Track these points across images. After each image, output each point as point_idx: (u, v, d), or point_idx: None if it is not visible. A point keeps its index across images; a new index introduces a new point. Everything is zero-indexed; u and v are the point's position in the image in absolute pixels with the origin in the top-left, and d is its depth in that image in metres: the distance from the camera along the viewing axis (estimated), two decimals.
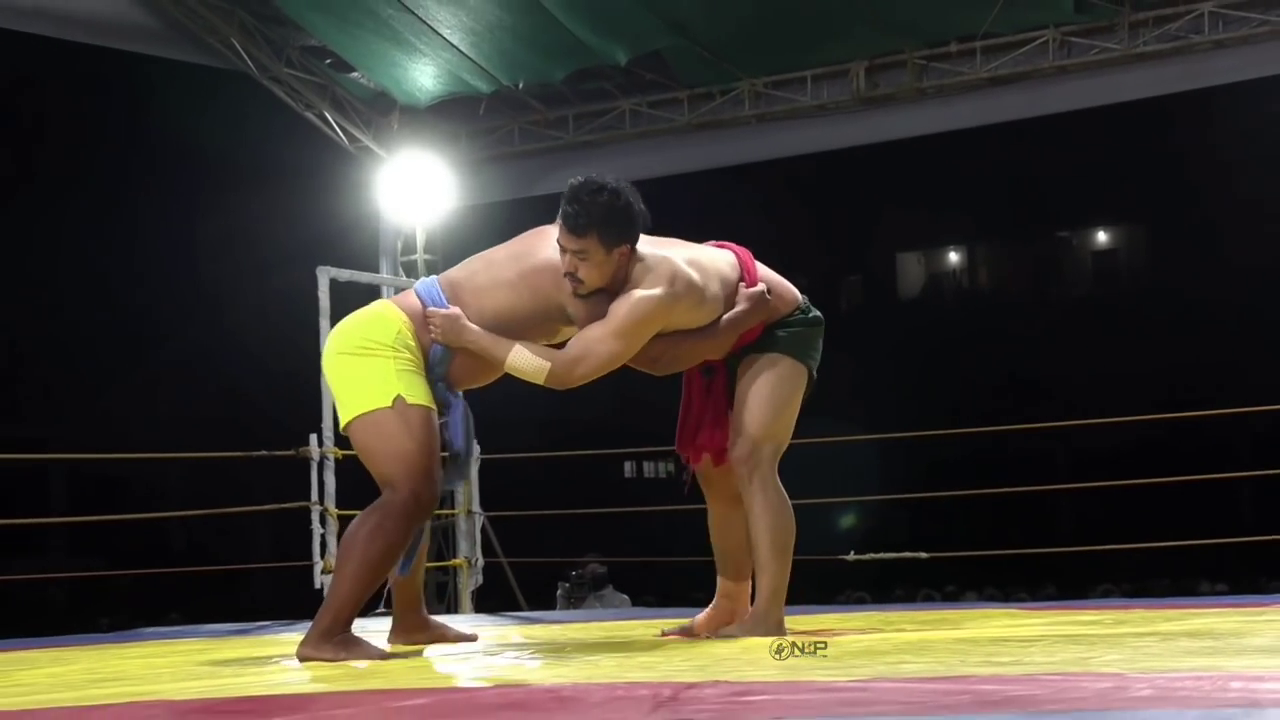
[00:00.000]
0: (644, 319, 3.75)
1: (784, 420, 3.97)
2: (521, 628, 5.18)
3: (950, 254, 28.89)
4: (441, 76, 9.41)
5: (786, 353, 3.97)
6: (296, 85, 9.49)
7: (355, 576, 3.66)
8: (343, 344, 3.80)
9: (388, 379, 3.71)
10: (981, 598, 14.21)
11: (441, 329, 3.75)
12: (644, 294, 3.75)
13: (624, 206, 3.76)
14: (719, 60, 9.10)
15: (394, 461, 3.69)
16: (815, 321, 4.05)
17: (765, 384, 3.94)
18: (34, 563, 18.58)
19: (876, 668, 2.94)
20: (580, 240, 3.71)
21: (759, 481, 3.92)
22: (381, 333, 3.76)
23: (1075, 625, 4.01)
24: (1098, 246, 27.76)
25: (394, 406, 3.69)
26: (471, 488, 7.66)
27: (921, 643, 3.56)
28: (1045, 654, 3.16)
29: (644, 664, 3.22)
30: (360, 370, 3.74)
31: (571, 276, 3.74)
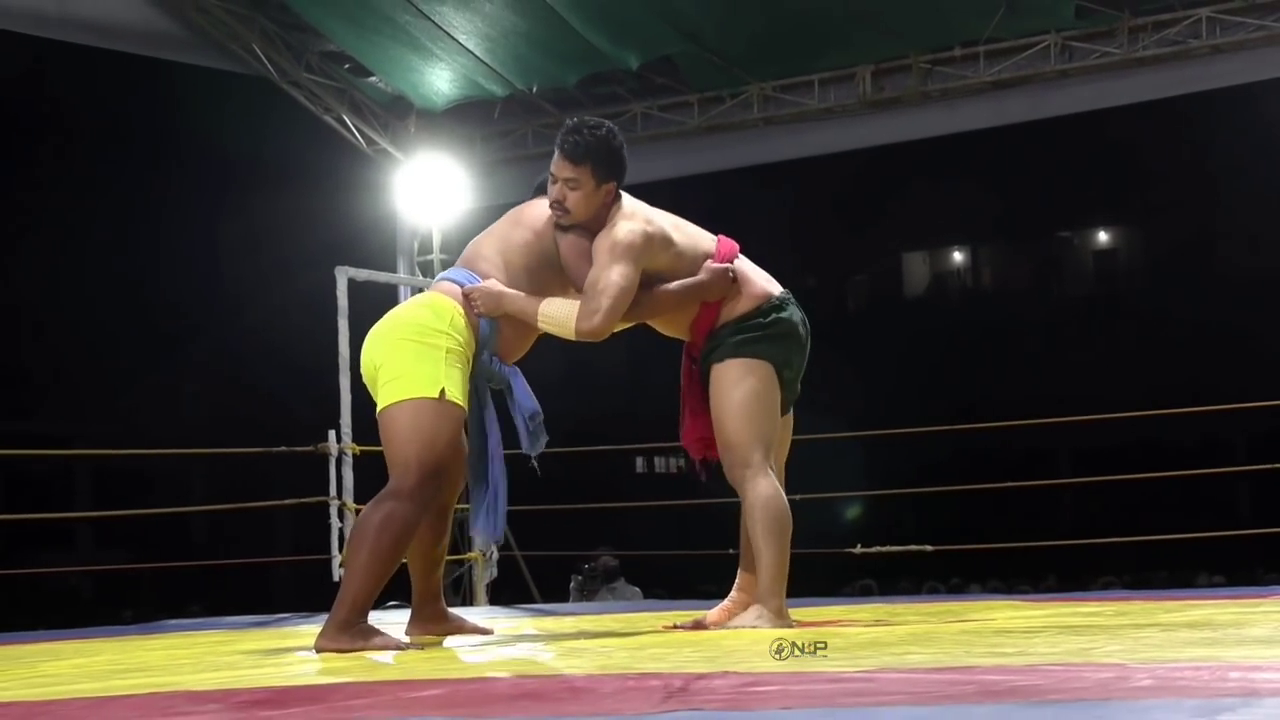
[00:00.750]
0: (632, 246, 3.85)
1: (761, 418, 3.98)
2: (535, 620, 5.18)
3: (954, 254, 28.86)
4: (457, 81, 9.41)
5: (737, 355, 3.99)
6: (316, 90, 9.49)
7: (368, 567, 3.65)
8: (402, 330, 3.82)
9: (437, 370, 3.73)
10: (985, 590, 14.19)
11: (482, 301, 3.82)
12: (625, 226, 3.88)
13: (618, 146, 3.93)
14: (729, 65, 9.10)
15: (418, 449, 3.69)
16: (771, 324, 4.03)
17: (728, 391, 3.98)
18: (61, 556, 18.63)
19: (882, 658, 2.93)
20: (575, 168, 3.86)
21: (748, 480, 3.96)
22: (437, 320, 3.79)
23: (1077, 617, 4.00)
24: (1098, 246, 27.72)
25: (439, 399, 3.70)
26: None
27: (927, 634, 3.55)
28: (1048, 645, 3.14)
29: (655, 655, 3.22)
30: (414, 357, 3.76)
31: (559, 205, 3.88)
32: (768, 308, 4.04)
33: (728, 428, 3.96)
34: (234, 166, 20.65)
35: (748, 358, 3.98)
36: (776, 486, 3.97)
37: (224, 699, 2.67)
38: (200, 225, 21.52)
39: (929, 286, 28.81)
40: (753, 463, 3.94)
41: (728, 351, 3.99)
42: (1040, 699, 2.24)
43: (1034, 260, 27.35)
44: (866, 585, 14.88)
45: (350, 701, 2.55)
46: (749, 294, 4.04)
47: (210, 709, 2.55)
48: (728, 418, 3.95)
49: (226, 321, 20.79)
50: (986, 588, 14.77)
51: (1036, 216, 25.54)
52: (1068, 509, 20.40)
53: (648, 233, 3.88)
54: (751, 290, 4.05)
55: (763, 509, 3.94)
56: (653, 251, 3.90)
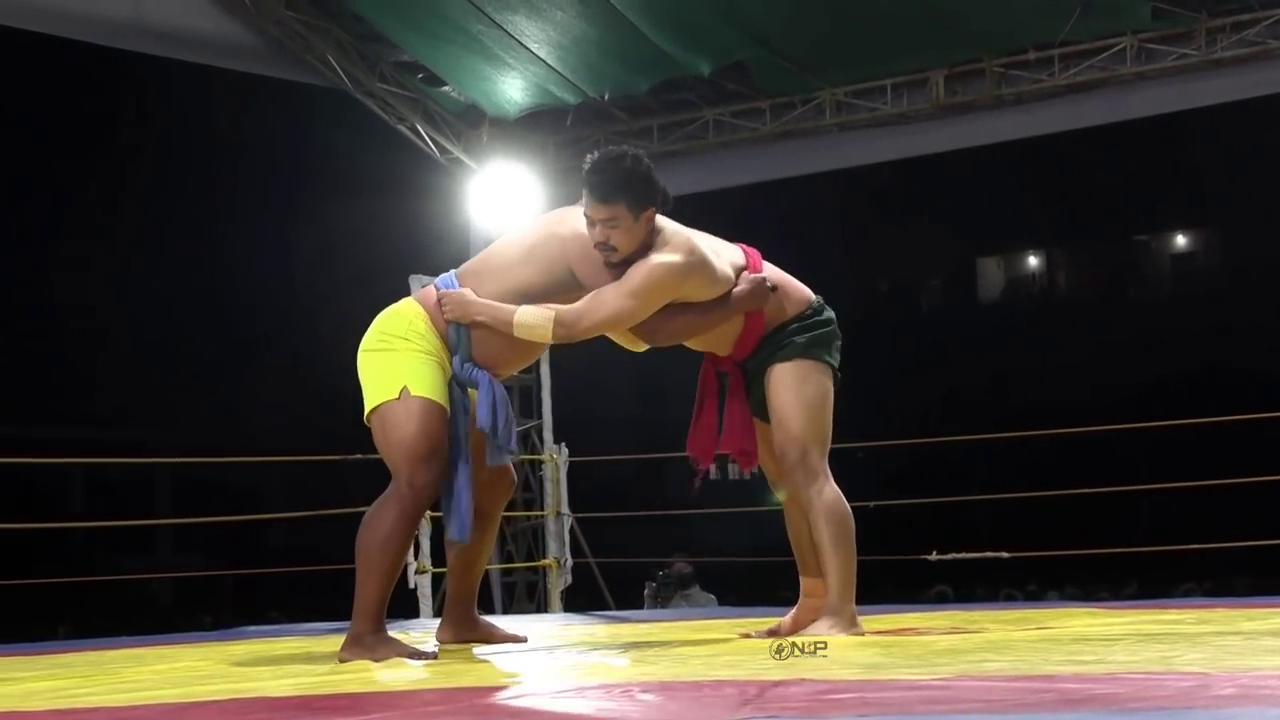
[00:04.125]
0: (660, 284, 3.78)
1: (823, 420, 3.98)
2: (609, 626, 5.18)
3: (1029, 258, 28.63)
4: (529, 89, 9.46)
5: (806, 356, 3.97)
6: (390, 99, 9.56)
7: (369, 576, 3.70)
8: (365, 341, 3.88)
9: (396, 372, 3.77)
10: (1063, 597, 14.06)
11: (449, 307, 3.81)
12: (662, 259, 3.79)
13: (645, 171, 3.83)
14: (800, 70, 9.08)
15: (394, 449, 3.74)
16: (827, 322, 4.03)
17: (797, 391, 3.95)
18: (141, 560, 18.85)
19: (959, 666, 2.91)
20: (609, 208, 3.76)
21: (815, 483, 3.93)
22: (394, 326, 3.83)
23: (1158, 624, 3.95)
24: (1176, 250, 27.41)
25: (399, 398, 3.73)
26: (560, 490, 7.68)
27: (1004, 641, 3.52)
28: (1128, 653, 3.11)
29: (730, 663, 3.21)
30: (375, 365, 3.81)
31: (604, 246, 3.78)
32: (816, 308, 4.05)
33: (793, 426, 3.93)
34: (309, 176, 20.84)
35: (816, 360, 3.97)
36: (838, 490, 3.95)
37: (303, 705, 2.69)
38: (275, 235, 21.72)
39: (1003, 291, 28.60)
40: (815, 464, 3.92)
41: (796, 351, 3.96)
42: (1120, 708, 2.22)
43: (1110, 264, 27.08)
44: (942, 592, 14.78)
45: (428, 707, 2.56)
46: (794, 298, 4.03)
47: (290, 715, 2.57)
48: (794, 415, 3.93)
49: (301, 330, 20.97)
50: (1064, 594, 14.64)
51: (1112, 220, 25.29)
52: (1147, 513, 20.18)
53: (689, 264, 3.81)
54: (796, 294, 4.05)
55: (828, 514, 3.93)
56: (685, 283, 3.83)
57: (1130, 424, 8.25)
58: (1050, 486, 8.50)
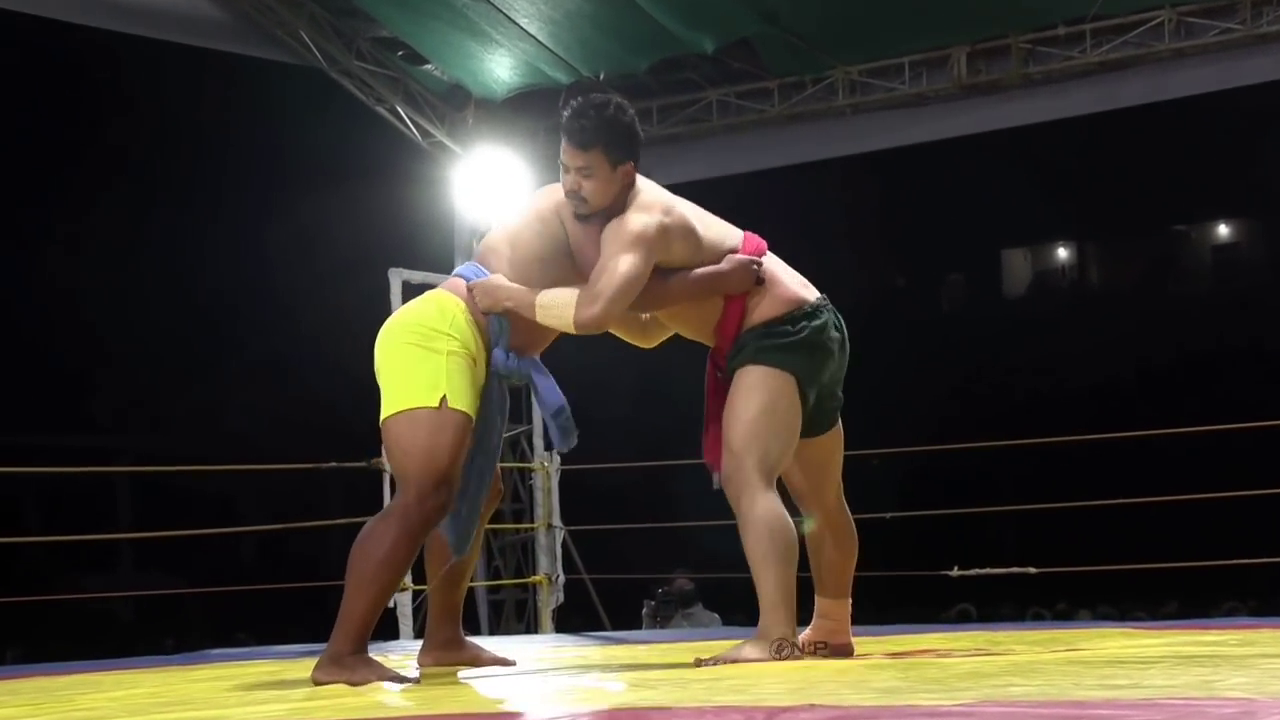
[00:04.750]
0: (644, 238, 3.82)
1: (766, 428, 3.93)
2: (605, 648, 5.18)
3: (1059, 250, 28.66)
4: (519, 68, 9.45)
5: (755, 362, 3.95)
6: (368, 79, 9.56)
7: (359, 593, 3.67)
8: (396, 331, 3.85)
9: (438, 377, 3.75)
10: (1095, 616, 14.07)
11: (481, 296, 3.83)
12: (638, 215, 3.86)
13: (629, 122, 3.93)
14: (811, 48, 9.07)
15: (415, 460, 3.71)
16: (798, 331, 3.98)
17: (740, 398, 3.94)
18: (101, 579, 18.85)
19: (983, 690, 2.90)
20: (585, 155, 3.84)
21: (745, 495, 3.89)
22: (435, 319, 3.82)
23: (1198, 645, 3.95)
24: (1218, 241, 27.42)
25: (439, 407, 3.71)
26: (551, 500, 7.67)
27: (1031, 664, 3.52)
28: (1166, 677, 3.11)
29: (734, 686, 3.20)
30: (415, 363, 3.78)
31: (574, 195, 3.86)
32: (799, 314, 4.00)
33: (733, 437, 3.92)
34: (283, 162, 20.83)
35: (770, 366, 3.94)
36: (778, 505, 3.90)
37: None
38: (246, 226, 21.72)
39: (1031, 286, 28.62)
40: (749, 473, 3.88)
41: (749, 356, 3.95)
42: None
43: (1146, 257, 27.09)
44: (965, 610, 14.79)
45: None
46: (778, 297, 4.00)
47: None
48: (735, 426, 3.92)
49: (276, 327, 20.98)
50: (1097, 614, 14.65)
51: (1149, 209, 25.29)
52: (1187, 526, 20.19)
53: (664, 224, 3.86)
54: (781, 293, 4.01)
55: (758, 529, 3.86)
56: (668, 243, 3.88)
57: (1169, 428, 8.24)
58: (1081, 496, 8.49)
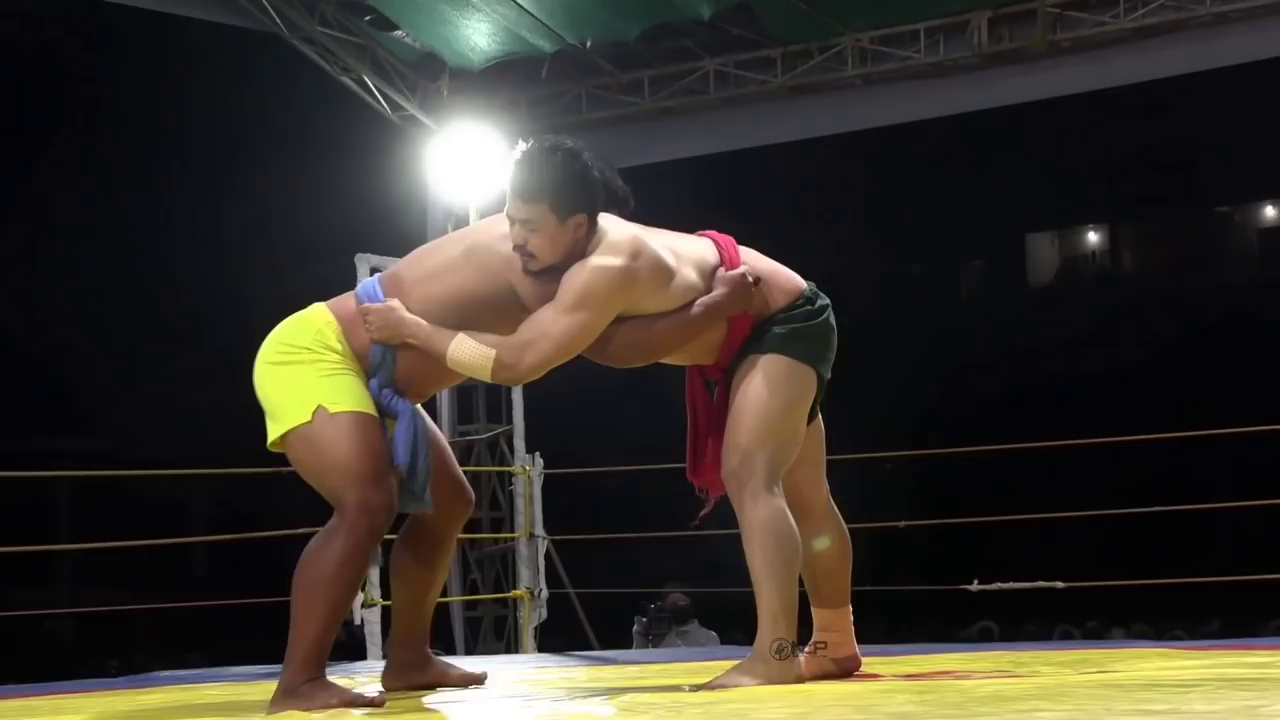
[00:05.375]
0: (599, 294, 3.77)
1: (782, 427, 3.92)
2: (592, 669, 5.18)
3: (1089, 234, 28.68)
4: (498, 35, 9.45)
5: (781, 352, 3.93)
6: (332, 46, 9.55)
7: (308, 616, 3.68)
8: (264, 353, 3.87)
9: (306, 389, 3.76)
10: (1130, 635, 14.08)
11: (377, 324, 3.79)
12: (598, 263, 3.78)
13: (580, 170, 3.80)
14: (817, 12, 9.08)
15: (331, 474, 3.73)
16: (818, 313, 3.99)
17: (758, 388, 3.91)
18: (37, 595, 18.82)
19: (1006, 716, 2.91)
20: (530, 207, 3.76)
21: (750, 496, 3.88)
22: (299, 336, 3.82)
23: (1242, 668, 3.95)
24: (1264, 224, 27.44)
25: (314, 420, 3.73)
26: (534, 508, 7.67)
27: (1059, 687, 3.52)
28: (1207, 701, 3.11)
29: (733, 712, 3.21)
30: (280, 381, 3.80)
31: (521, 250, 3.78)
32: (811, 295, 4.01)
33: (744, 429, 3.89)
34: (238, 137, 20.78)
35: (794, 359, 3.93)
36: (782, 509, 3.90)
37: None
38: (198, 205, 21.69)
39: (1058, 273, 28.64)
40: (756, 471, 3.87)
41: (772, 345, 3.92)
42: None
43: (1185, 241, 27.11)
44: (986, 628, 14.80)
45: None
46: (782, 288, 3.99)
47: None
48: (747, 417, 3.89)
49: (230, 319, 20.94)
50: (1131, 632, 14.66)
51: (1187, 189, 25.32)
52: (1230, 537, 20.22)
53: (629, 270, 3.78)
54: (783, 284, 4.00)
55: (763, 532, 3.86)
56: (638, 289, 3.81)
57: (1210, 429, 8.24)
58: (1114, 504, 8.51)
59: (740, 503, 3.90)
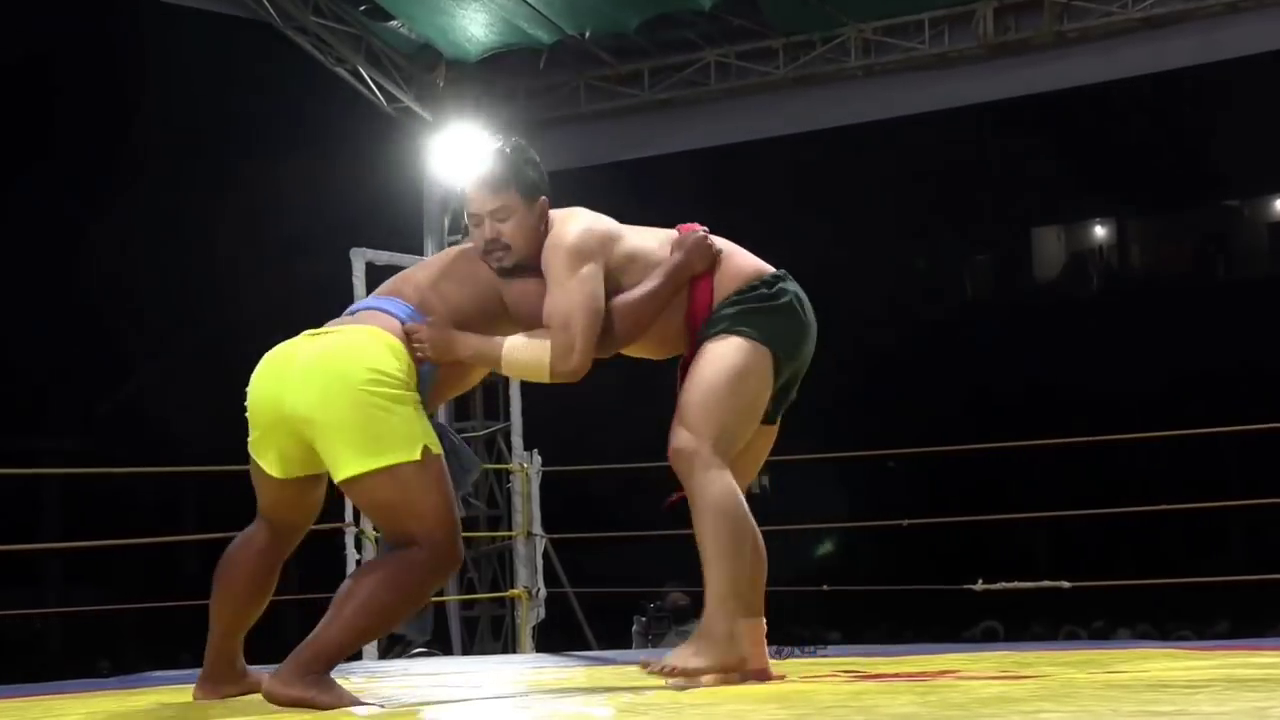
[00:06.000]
0: (581, 250, 3.89)
1: (731, 404, 3.91)
2: (590, 669, 5.19)
3: (1096, 229, 28.67)
4: (495, 25, 9.45)
5: (731, 332, 3.93)
6: (326, 36, 9.56)
7: (354, 622, 3.70)
8: (350, 376, 3.75)
9: (412, 426, 3.75)
10: (1136, 635, 14.09)
11: (431, 343, 3.82)
12: (563, 230, 3.93)
13: (532, 158, 4.02)
14: (820, 2, 9.08)
15: (424, 519, 3.73)
16: (775, 295, 3.99)
17: (707, 365, 3.91)
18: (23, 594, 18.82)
19: (1011, 717, 2.92)
20: (499, 196, 3.94)
21: (699, 473, 3.87)
22: (390, 363, 3.77)
23: (1251, 668, 3.97)
24: (1276, 217, 27.44)
25: (423, 459, 3.73)
26: (531, 506, 7.68)
27: (1064, 688, 3.54)
28: (1215, 703, 3.12)
29: (734, 713, 3.22)
30: (381, 412, 3.73)
31: (495, 245, 3.91)
32: (770, 279, 4.01)
33: (691, 406, 3.88)
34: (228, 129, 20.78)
35: (747, 338, 3.93)
36: (733, 487, 3.90)
37: None
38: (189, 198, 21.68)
39: (1065, 269, 28.64)
40: (704, 450, 3.86)
41: (723, 326, 3.93)
42: None
43: (1195, 236, 27.11)
44: (990, 628, 14.82)
45: None
46: (740, 266, 4.01)
47: None
48: (696, 395, 3.89)
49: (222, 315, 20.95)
50: (1137, 633, 14.68)
51: (1197, 183, 25.31)
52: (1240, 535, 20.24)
53: (594, 230, 3.93)
54: (742, 262, 4.02)
55: (714, 511, 3.87)
56: (608, 247, 3.94)
57: (1219, 427, 8.26)
58: (1121, 502, 8.52)
59: (689, 481, 3.89)
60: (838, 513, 11.52)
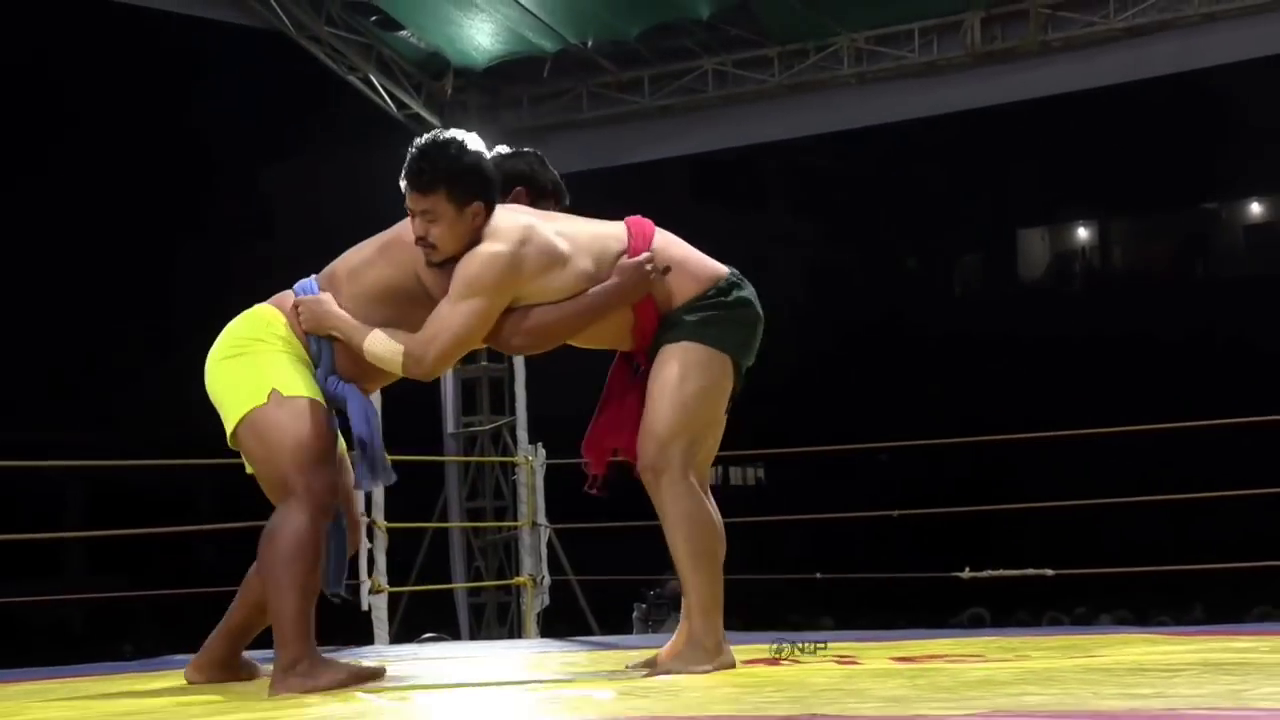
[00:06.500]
0: (487, 280, 3.79)
1: (696, 415, 3.90)
2: (593, 653, 5.19)
3: (1079, 230, 28.67)
4: (500, 34, 9.45)
5: (695, 339, 3.89)
6: (338, 45, 9.55)
7: (283, 592, 3.71)
8: (215, 352, 3.91)
9: (260, 375, 3.81)
10: (1116, 621, 14.09)
11: (305, 315, 3.87)
12: (485, 250, 3.81)
13: (474, 162, 3.86)
14: (814, 12, 9.08)
15: (280, 458, 3.76)
16: (733, 303, 3.95)
17: (672, 376, 3.88)
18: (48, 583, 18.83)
19: (996, 700, 2.92)
20: (426, 198, 3.82)
21: (669, 486, 3.86)
22: (251, 329, 3.88)
23: (1227, 653, 3.97)
24: (1251, 220, 27.42)
25: (269, 401, 3.77)
26: (536, 497, 7.69)
27: (1047, 672, 3.54)
28: (1192, 686, 3.13)
29: (730, 696, 3.22)
30: (234, 372, 3.84)
31: (423, 242, 3.83)
32: (726, 284, 3.95)
33: (656, 416, 3.86)
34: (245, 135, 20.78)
35: (709, 345, 3.89)
36: (700, 498, 3.89)
37: None
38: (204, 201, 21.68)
39: (1049, 268, 28.62)
40: (672, 460, 3.85)
41: (684, 332, 3.88)
42: None
43: (1174, 236, 27.10)
44: (977, 615, 14.82)
45: None
46: (695, 276, 3.94)
47: None
48: (660, 405, 3.86)
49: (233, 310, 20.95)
50: (1118, 619, 14.68)
51: (1176, 186, 25.30)
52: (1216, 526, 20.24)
53: (517, 255, 3.80)
54: (697, 271, 3.95)
55: (687, 526, 3.86)
56: (525, 276, 3.82)
57: (1196, 421, 8.25)
58: (1103, 494, 8.51)
59: (658, 493, 3.88)
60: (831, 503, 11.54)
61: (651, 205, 4.23)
